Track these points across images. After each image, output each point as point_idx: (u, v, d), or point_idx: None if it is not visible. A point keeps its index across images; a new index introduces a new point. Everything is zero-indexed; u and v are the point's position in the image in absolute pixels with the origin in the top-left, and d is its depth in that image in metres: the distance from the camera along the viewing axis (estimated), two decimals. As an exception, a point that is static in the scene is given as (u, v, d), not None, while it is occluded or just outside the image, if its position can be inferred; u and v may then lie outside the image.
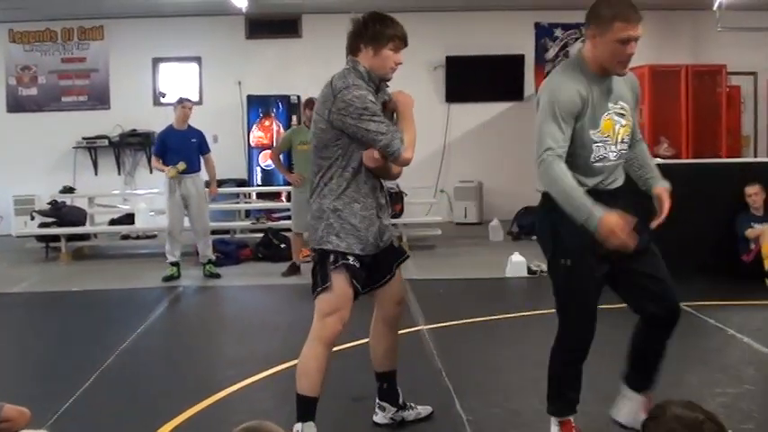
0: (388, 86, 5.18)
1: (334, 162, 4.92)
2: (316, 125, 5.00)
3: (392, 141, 4.84)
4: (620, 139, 4.66)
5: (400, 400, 5.52)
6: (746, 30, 15.51)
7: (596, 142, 4.60)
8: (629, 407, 5.14)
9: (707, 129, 12.50)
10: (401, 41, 5.02)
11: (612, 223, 4.27)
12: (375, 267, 5.12)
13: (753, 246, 10.06)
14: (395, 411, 5.46)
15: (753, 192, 10.33)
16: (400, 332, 5.54)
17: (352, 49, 5.03)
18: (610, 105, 4.61)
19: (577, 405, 5.01)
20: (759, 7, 15.76)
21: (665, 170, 10.49)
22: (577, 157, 4.58)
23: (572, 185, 4.41)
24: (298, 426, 5.01)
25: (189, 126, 11.47)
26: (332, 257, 4.96)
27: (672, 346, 7.64)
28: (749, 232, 10.12)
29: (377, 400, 5.51)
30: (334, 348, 5.13)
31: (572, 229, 4.45)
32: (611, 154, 4.65)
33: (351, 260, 4.94)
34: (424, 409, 5.61)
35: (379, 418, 5.49)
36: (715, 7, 14.79)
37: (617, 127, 4.63)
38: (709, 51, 15.96)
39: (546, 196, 4.61)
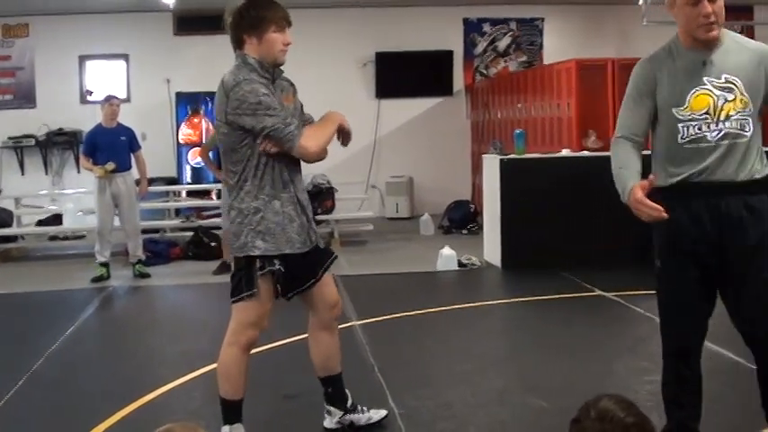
0: (283, 71, 5.00)
1: (246, 164, 4.74)
2: (218, 130, 4.85)
3: (284, 133, 4.67)
4: (723, 117, 4.14)
5: (348, 403, 5.37)
6: (672, 24, 15.71)
7: (682, 121, 4.20)
8: None
9: (633, 121, 12.64)
10: (284, 21, 4.87)
11: (636, 194, 4.04)
12: (300, 269, 4.95)
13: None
14: (342, 415, 5.30)
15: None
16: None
17: (238, 43, 4.85)
18: (705, 80, 4.17)
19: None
20: (684, 1, 16.04)
21: (594, 162, 10.69)
22: (663, 140, 4.29)
23: (621, 161, 4.26)
24: (225, 428, 4.92)
25: (118, 123, 11.34)
26: (258, 263, 4.81)
27: (600, 334, 7.79)
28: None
29: (325, 405, 5.36)
30: (267, 346, 5.12)
31: (658, 228, 4.27)
32: (709, 134, 4.15)
33: (277, 264, 4.80)
34: (376, 413, 5.44)
35: (327, 422, 5.34)
36: (640, 2, 14.98)
37: (720, 102, 4.14)
38: (636, 45, 16.11)
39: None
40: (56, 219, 14.26)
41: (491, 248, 11.30)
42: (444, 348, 7.39)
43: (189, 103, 16.42)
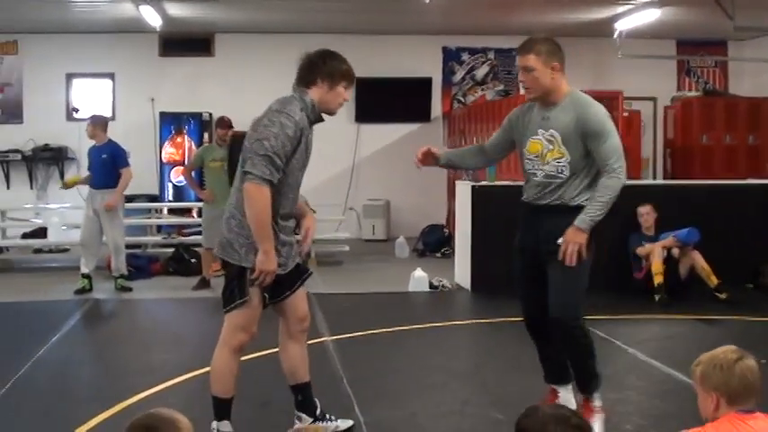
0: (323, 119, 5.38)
1: None
2: (245, 153, 5.15)
3: (256, 167, 4.99)
4: (547, 161, 5.39)
5: (317, 412, 5.67)
6: (646, 57, 16.17)
7: (525, 158, 5.54)
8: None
9: (604, 151, 12.96)
10: (352, 81, 5.32)
11: (422, 148, 5.85)
12: (279, 282, 5.27)
13: (644, 263, 10.57)
14: (311, 422, 5.56)
15: (644, 212, 10.85)
16: (305, 343, 5.81)
17: (307, 82, 5.22)
18: (539, 131, 5.40)
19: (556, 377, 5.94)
20: (658, 35, 16.46)
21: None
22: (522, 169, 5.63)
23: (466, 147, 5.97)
24: (214, 424, 5.33)
25: (109, 141, 11.56)
26: (249, 273, 5.12)
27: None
28: (640, 250, 10.62)
29: (295, 411, 5.66)
30: (245, 357, 5.44)
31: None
32: (538, 172, 5.45)
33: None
34: (343, 423, 5.76)
35: (298, 427, 5.58)
36: (615, 35, 15.39)
37: (544, 151, 5.38)
38: (611, 78, 16.52)
39: None
40: (40, 232, 14.51)
41: (462, 272, 11.61)
42: (412, 363, 7.70)
43: (172, 123, 16.74)
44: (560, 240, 5.29)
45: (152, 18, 14.44)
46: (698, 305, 9.92)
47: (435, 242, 14.95)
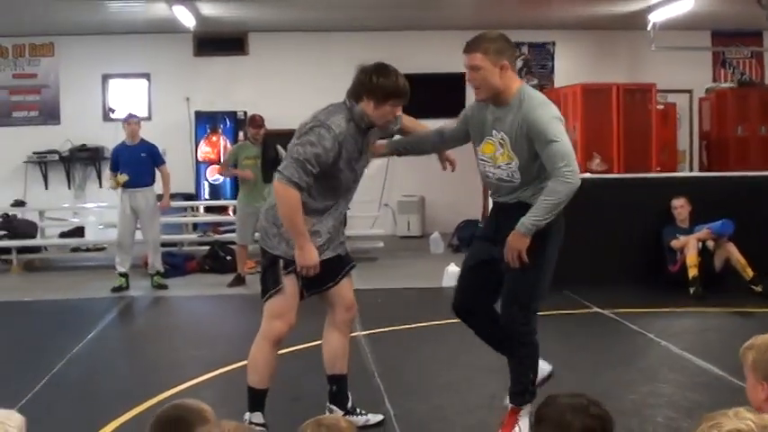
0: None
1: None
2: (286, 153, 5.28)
3: (290, 167, 5.11)
4: (498, 165, 5.22)
5: (349, 405, 5.75)
6: (680, 49, 16.06)
7: (479, 158, 5.38)
8: None
9: (638, 145, 12.93)
10: (401, 99, 5.32)
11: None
12: (322, 272, 5.34)
13: (679, 256, 10.52)
14: (342, 415, 5.54)
15: (678, 204, 10.80)
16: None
17: (356, 96, 5.28)
18: (493, 132, 5.20)
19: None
20: (692, 27, 16.32)
21: (598, 184, 11.02)
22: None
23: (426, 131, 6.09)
24: (247, 415, 5.41)
25: (142, 140, 11.70)
26: (282, 262, 5.27)
27: (592, 348, 8.13)
28: (674, 242, 10.56)
29: (327, 404, 5.74)
30: (283, 350, 5.49)
31: None
32: (490, 174, 5.31)
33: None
34: (374, 417, 5.84)
35: None
36: (649, 27, 15.27)
37: (496, 153, 5.21)
38: (646, 70, 16.40)
39: None
40: (78, 231, 14.68)
41: (496, 267, 11.52)
42: (442, 358, 7.72)
43: (208, 122, 16.80)
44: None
45: (185, 18, 14.50)
46: (733, 298, 9.85)
47: (470, 238, 14.81)
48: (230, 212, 15.02)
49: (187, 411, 3.07)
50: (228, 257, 13.02)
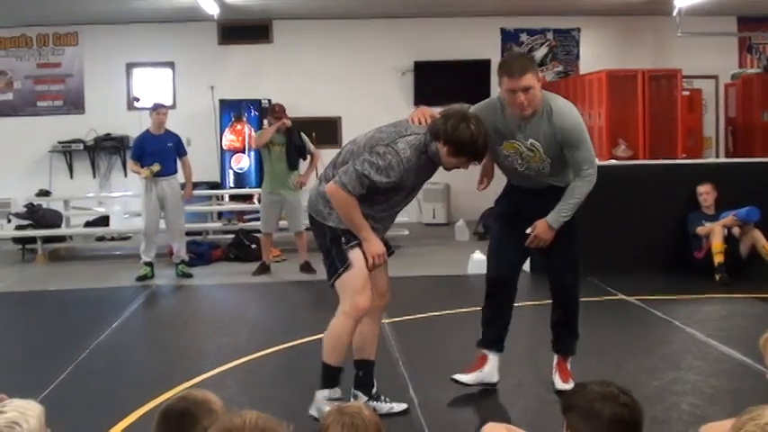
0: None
1: None
2: (354, 154, 5.40)
3: (347, 173, 5.24)
4: (527, 162, 5.74)
5: (373, 391, 5.77)
6: (706, 35, 15.96)
7: (502, 155, 5.83)
8: None
9: (663, 131, 12.84)
10: (475, 159, 5.39)
11: None
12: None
13: (704, 243, 10.46)
14: (366, 401, 5.60)
15: (704, 191, 10.75)
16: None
17: (435, 136, 5.27)
18: (519, 137, 5.67)
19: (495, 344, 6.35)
20: (718, 12, 16.21)
21: (623, 171, 10.97)
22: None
23: None
24: (324, 392, 5.48)
25: (166, 130, 11.70)
26: (344, 239, 5.37)
27: (617, 335, 8.12)
28: (700, 229, 10.51)
29: (352, 389, 5.75)
30: (298, 341, 5.50)
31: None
32: (518, 166, 5.81)
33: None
34: (398, 406, 5.84)
35: None
36: (675, 13, 15.17)
37: (524, 154, 5.72)
38: (671, 56, 16.30)
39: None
40: (103, 220, 14.71)
41: (521, 254, 11.51)
42: (467, 346, 7.63)
43: (232, 110, 16.80)
44: (529, 230, 5.84)
45: (209, 6, 14.52)
46: (758, 284, 9.73)
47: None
48: (255, 201, 15.03)
49: (193, 404, 3.05)
50: (253, 246, 13.00)
